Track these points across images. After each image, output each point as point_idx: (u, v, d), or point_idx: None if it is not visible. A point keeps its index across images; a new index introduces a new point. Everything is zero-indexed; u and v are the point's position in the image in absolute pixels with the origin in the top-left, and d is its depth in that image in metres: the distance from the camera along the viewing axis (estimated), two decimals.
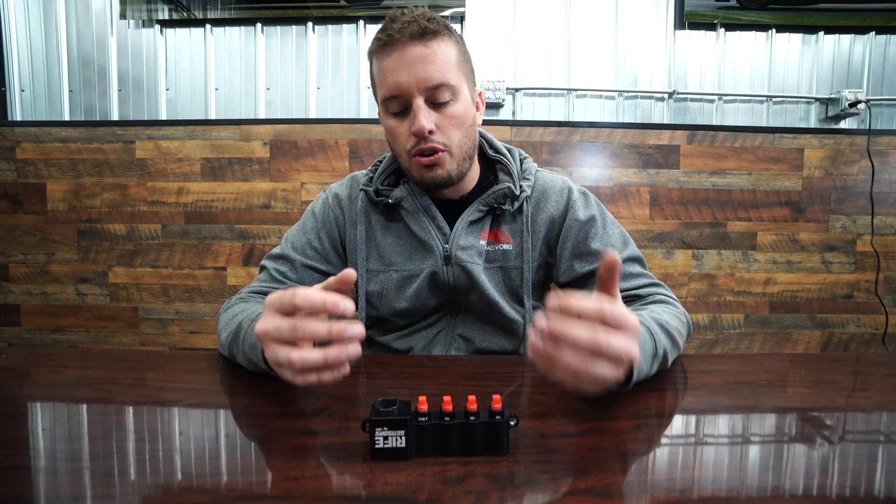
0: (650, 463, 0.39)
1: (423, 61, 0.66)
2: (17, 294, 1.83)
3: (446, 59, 0.68)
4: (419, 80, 0.67)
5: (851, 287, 1.81)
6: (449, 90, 0.69)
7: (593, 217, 0.77)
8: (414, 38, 0.66)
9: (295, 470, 0.37)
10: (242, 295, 0.74)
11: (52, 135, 1.78)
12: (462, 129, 0.72)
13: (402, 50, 0.67)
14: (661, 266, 1.79)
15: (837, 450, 0.42)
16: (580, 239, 0.77)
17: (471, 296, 0.78)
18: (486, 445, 0.41)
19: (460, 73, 0.71)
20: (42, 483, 0.36)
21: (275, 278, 0.77)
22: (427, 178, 0.72)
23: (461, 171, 0.74)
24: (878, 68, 1.82)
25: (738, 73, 1.83)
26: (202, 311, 1.81)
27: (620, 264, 0.42)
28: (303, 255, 0.79)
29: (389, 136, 0.74)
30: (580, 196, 0.80)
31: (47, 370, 0.62)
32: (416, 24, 0.66)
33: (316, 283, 0.78)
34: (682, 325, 0.64)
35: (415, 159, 0.71)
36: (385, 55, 0.68)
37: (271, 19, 1.80)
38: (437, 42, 0.67)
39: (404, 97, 0.68)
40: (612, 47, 1.82)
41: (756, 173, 1.77)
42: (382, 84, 0.70)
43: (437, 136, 0.69)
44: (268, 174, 1.76)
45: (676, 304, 0.71)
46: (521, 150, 0.84)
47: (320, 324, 0.43)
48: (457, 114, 0.70)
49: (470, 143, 0.74)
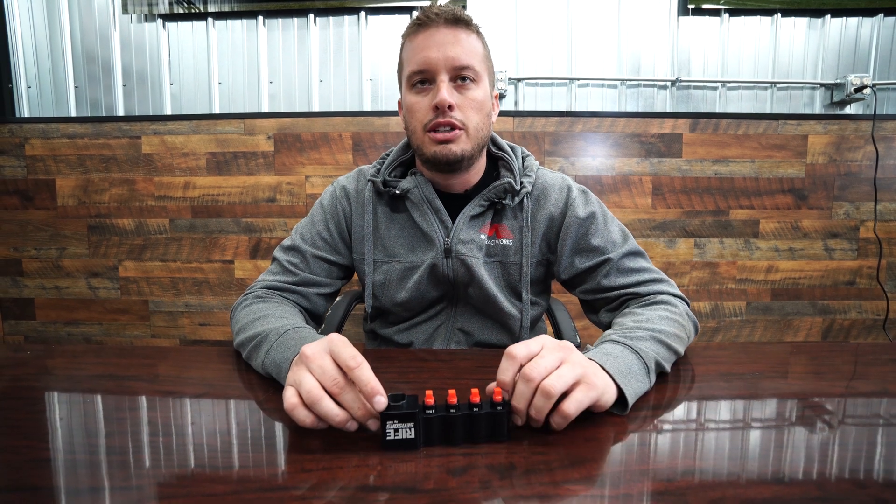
0: (641, 453, 0.42)
1: (454, 43, 0.71)
2: (31, 288, 1.88)
3: (473, 48, 0.73)
4: (447, 58, 0.71)
5: (854, 274, 1.82)
6: (473, 73, 0.73)
7: (593, 213, 0.79)
8: (448, 22, 0.72)
9: (310, 462, 0.40)
10: (258, 291, 0.77)
11: (60, 131, 1.80)
12: (480, 115, 0.75)
13: (434, 30, 0.71)
14: (664, 255, 1.80)
15: (818, 439, 0.44)
16: (580, 235, 0.78)
17: (469, 289, 0.80)
18: (488, 434, 0.44)
19: (483, 65, 0.75)
20: (72, 473, 0.39)
21: (287, 269, 0.80)
22: (440, 154, 0.73)
23: (473, 154, 0.75)
24: (886, 51, 1.80)
25: (742, 59, 1.82)
26: (211, 304, 1.85)
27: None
28: (313, 246, 0.82)
29: (407, 113, 0.76)
30: (580, 194, 0.81)
31: (67, 364, 0.65)
32: (452, 13, 0.72)
33: (326, 274, 0.81)
34: (681, 328, 0.65)
35: (429, 135, 0.73)
36: (418, 34, 0.73)
37: (273, 12, 1.80)
38: (467, 31, 0.73)
39: (430, 73, 0.72)
40: (615, 36, 1.80)
41: (759, 161, 1.77)
42: (411, 60, 0.73)
43: (456, 112, 0.72)
44: (272, 168, 1.78)
45: (677, 304, 0.71)
46: (523, 149, 0.86)
47: (357, 401, 0.44)
48: (477, 97, 0.74)
49: (485, 131, 0.77)
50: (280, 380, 0.54)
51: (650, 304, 0.71)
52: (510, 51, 1.81)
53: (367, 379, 0.42)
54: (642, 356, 0.55)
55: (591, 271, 0.78)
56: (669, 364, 0.60)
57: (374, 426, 0.44)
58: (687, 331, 0.67)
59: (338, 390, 0.44)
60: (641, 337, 0.58)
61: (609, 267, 0.76)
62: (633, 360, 0.54)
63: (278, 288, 0.78)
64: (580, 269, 0.78)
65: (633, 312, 0.68)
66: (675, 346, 0.62)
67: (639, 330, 0.60)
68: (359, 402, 0.44)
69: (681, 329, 0.65)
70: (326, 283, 0.83)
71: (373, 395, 0.42)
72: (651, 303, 0.71)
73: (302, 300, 0.80)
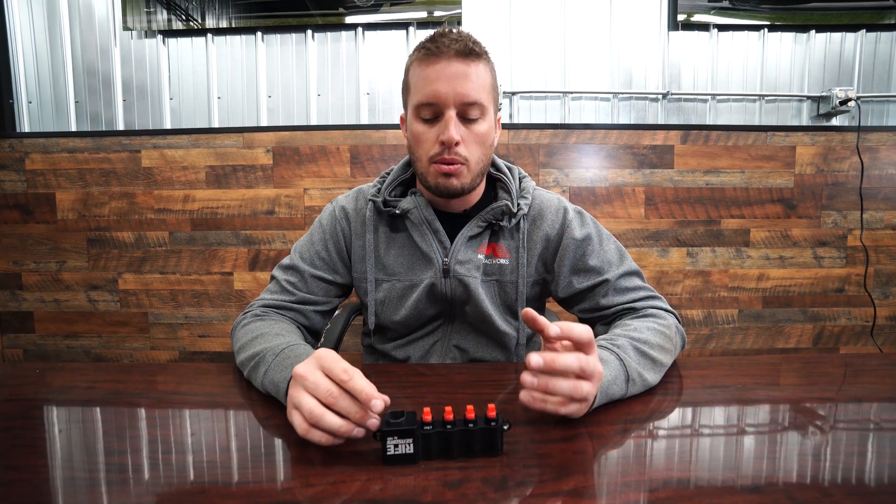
0: (625, 465, 0.44)
1: (464, 78, 0.72)
2: (30, 301, 1.89)
3: (482, 81, 0.74)
4: (457, 93, 0.72)
5: (842, 281, 1.85)
6: (479, 109, 0.74)
7: (589, 235, 0.81)
8: (459, 55, 0.72)
9: (315, 477, 0.43)
10: (256, 311, 0.78)
11: (60, 145, 1.82)
12: (482, 148, 0.77)
13: (446, 63, 0.72)
14: (657, 264, 1.84)
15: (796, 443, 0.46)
16: (578, 256, 0.81)
17: (466, 307, 0.82)
18: (483, 448, 0.46)
19: (490, 96, 0.76)
20: (99, 491, 0.41)
21: (285, 289, 0.82)
22: (442, 186, 0.76)
23: (473, 185, 0.78)
24: (869, 65, 1.85)
25: (731, 72, 1.86)
26: (210, 316, 1.86)
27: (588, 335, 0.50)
28: (311, 266, 0.83)
29: (413, 141, 0.77)
30: (576, 215, 0.84)
31: (76, 380, 0.67)
32: (463, 44, 0.72)
33: (324, 293, 0.83)
34: (667, 340, 0.68)
35: (434, 166, 0.75)
36: (429, 64, 0.73)
37: (271, 28, 1.84)
38: (477, 64, 0.73)
39: (438, 106, 0.73)
40: (608, 50, 1.85)
41: (749, 171, 1.81)
42: (420, 90, 0.74)
43: (460, 148, 0.74)
44: (271, 181, 1.81)
45: (666, 318, 0.74)
46: (520, 169, 0.88)
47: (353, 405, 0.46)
48: (481, 132, 0.75)
49: (486, 162, 0.79)
50: (280, 399, 0.56)
51: (642, 317, 0.74)
52: (505, 65, 1.84)
53: (360, 388, 0.46)
54: (626, 367, 0.59)
55: (588, 291, 0.80)
56: (653, 375, 0.63)
57: (374, 426, 0.47)
58: (674, 343, 0.70)
59: (333, 401, 0.46)
60: (627, 350, 0.62)
61: (607, 288, 0.79)
62: (618, 369, 0.58)
63: (276, 306, 0.80)
64: (578, 289, 0.80)
65: (624, 324, 0.71)
66: (659, 357, 0.64)
67: (626, 343, 0.63)
68: (355, 406, 0.46)
69: (667, 341, 0.68)
70: (324, 302, 0.85)
71: (369, 400, 0.45)
72: (642, 315, 0.75)
73: (300, 317, 0.81)
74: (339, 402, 0.46)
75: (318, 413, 0.46)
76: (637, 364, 0.60)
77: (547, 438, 0.49)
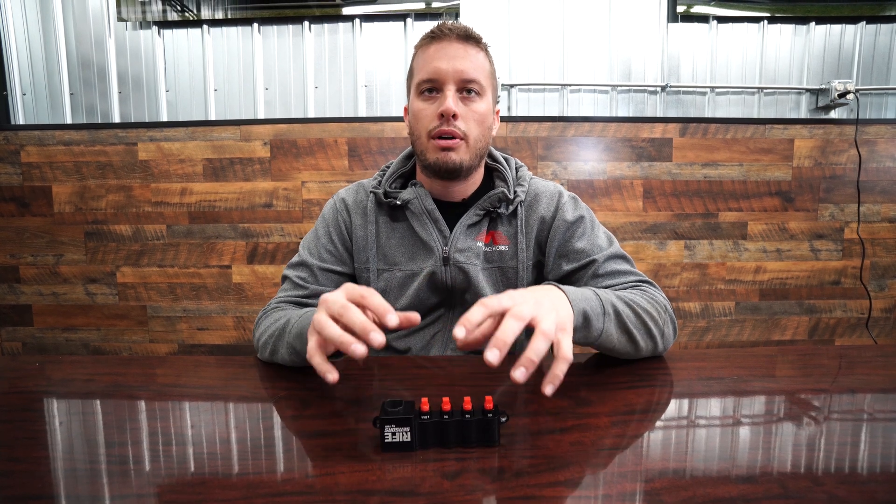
0: (622, 455, 0.45)
1: (463, 57, 0.76)
2: (28, 295, 1.89)
3: (481, 64, 0.78)
4: (456, 70, 0.76)
5: (839, 273, 1.86)
6: (478, 87, 0.78)
7: (581, 217, 0.83)
8: (460, 38, 0.77)
9: (314, 468, 0.43)
10: (273, 306, 0.81)
11: (56, 138, 1.81)
12: (481, 127, 0.79)
13: (447, 43, 0.77)
14: (655, 257, 1.84)
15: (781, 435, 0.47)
16: (567, 238, 0.82)
17: (466, 295, 0.83)
18: (480, 439, 0.47)
19: (489, 82, 0.80)
20: (101, 483, 0.41)
21: (298, 285, 0.84)
22: (440, 161, 0.78)
23: (471, 164, 0.80)
24: (868, 58, 1.85)
25: (730, 65, 1.86)
26: (209, 309, 1.87)
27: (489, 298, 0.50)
28: (319, 260, 0.85)
29: (413, 119, 0.80)
30: (570, 200, 0.86)
31: (77, 374, 0.67)
32: (464, 30, 0.78)
33: (334, 284, 0.84)
34: (648, 304, 0.67)
35: (433, 141, 0.77)
36: (431, 45, 0.78)
37: (268, 19, 1.82)
38: (476, 48, 0.78)
39: (439, 82, 0.77)
40: (606, 42, 1.84)
41: (747, 164, 1.82)
42: (422, 69, 0.78)
43: (459, 122, 0.76)
44: (269, 173, 1.80)
45: (656, 295, 0.72)
46: (517, 160, 0.90)
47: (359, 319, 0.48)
48: (479, 110, 0.78)
49: (484, 143, 0.81)
50: (303, 351, 0.58)
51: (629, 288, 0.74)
52: (503, 57, 1.84)
53: (377, 304, 0.50)
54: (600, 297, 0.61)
55: (575, 273, 0.81)
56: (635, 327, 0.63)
57: (376, 341, 0.47)
58: (660, 314, 0.67)
59: (343, 312, 0.49)
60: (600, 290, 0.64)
61: (594, 269, 0.78)
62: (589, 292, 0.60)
63: (291, 302, 0.82)
64: (566, 271, 0.81)
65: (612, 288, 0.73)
66: (636, 308, 0.64)
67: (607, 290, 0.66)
68: (360, 319, 0.48)
69: (653, 308, 0.66)
70: None
71: (385, 314, 0.49)
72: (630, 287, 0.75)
73: None
74: (346, 314, 0.49)
75: (323, 321, 0.49)
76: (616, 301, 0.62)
77: (544, 430, 0.49)
